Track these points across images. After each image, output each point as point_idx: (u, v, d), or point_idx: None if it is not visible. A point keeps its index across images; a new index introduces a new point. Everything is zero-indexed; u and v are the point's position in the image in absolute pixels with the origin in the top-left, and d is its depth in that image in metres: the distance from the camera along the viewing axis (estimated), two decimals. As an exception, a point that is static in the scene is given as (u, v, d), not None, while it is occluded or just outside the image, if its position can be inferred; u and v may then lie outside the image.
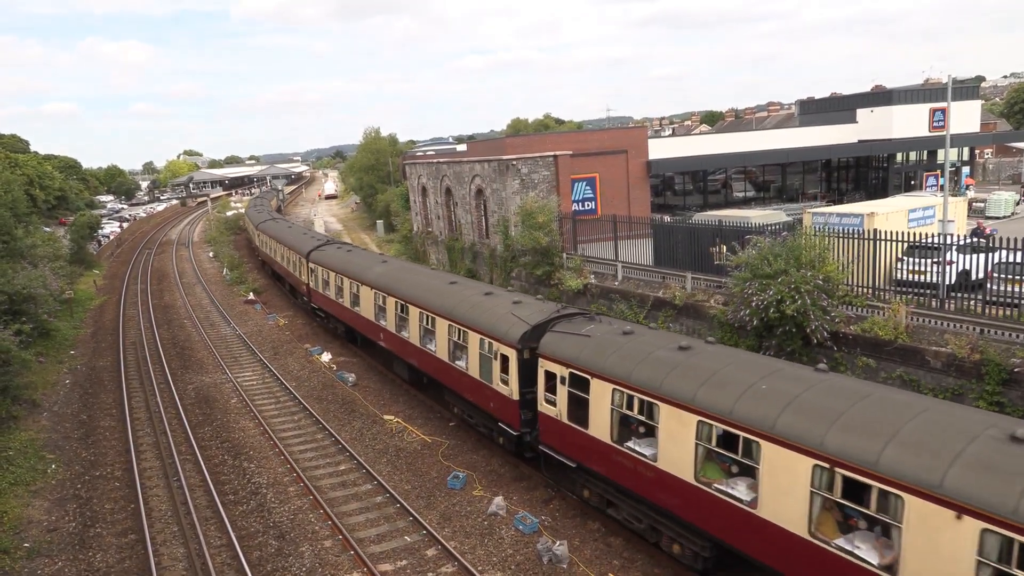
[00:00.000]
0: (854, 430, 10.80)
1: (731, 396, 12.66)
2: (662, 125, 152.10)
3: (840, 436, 10.83)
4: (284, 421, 24.62)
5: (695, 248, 25.44)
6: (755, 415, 12.04)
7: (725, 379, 13.17)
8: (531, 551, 15.80)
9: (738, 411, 12.37)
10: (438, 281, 24.70)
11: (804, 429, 11.32)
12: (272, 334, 36.89)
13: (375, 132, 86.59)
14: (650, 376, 14.22)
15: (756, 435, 11.86)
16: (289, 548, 16.53)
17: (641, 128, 50.81)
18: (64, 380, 30.63)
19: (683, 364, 14.04)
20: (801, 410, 11.65)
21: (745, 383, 12.79)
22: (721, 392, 12.89)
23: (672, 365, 14.16)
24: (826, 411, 11.39)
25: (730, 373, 13.29)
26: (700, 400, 13.01)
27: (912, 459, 9.89)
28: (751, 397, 12.43)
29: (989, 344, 16.06)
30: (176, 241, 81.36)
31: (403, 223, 58.41)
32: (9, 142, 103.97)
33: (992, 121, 78.98)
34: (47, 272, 35.94)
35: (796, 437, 11.30)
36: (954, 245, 19.08)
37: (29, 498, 19.82)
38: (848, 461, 10.50)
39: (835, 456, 10.71)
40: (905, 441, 10.22)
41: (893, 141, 45.78)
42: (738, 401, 12.51)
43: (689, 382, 13.49)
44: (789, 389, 12.22)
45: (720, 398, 12.78)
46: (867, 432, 10.66)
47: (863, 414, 11.05)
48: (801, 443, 11.20)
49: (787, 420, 11.60)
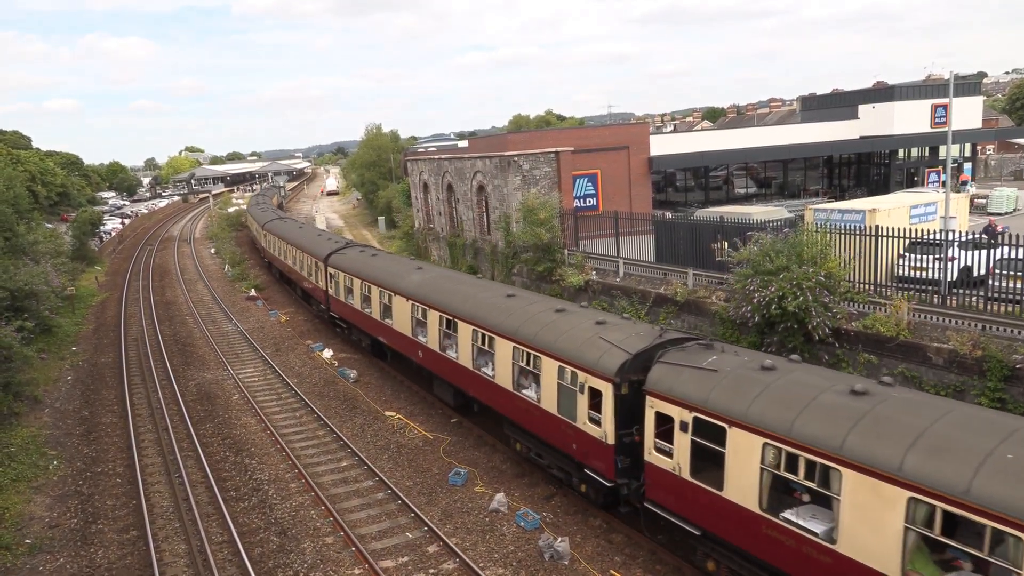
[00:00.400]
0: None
1: (964, 468, 9.55)
2: (664, 121, 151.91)
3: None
4: (286, 417, 24.64)
5: (697, 244, 25.39)
6: (1014, 498, 8.95)
7: (944, 441, 10.12)
8: (532, 548, 15.81)
9: (981, 490, 9.22)
10: (492, 293, 21.46)
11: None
12: (274, 330, 36.91)
13: (376, 128, 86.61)
14: (822, 430, 11.14)
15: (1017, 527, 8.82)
16: (291, 544, 16.55)
17: (643, 124, 50.79)
18: (66, 376, 30.67)
19: (868, 415, 11.01)
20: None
21: (977, 448, 9.74)
22: (946, 461, 9.78)
23: (852, 416, 11.11)
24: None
25: (948, 432, 10.27)
26: (913, 470, 9.92)
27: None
28: (997, 471, 9.33)
29: (991, 340, 16.02)
30: (178, 237, 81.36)
31: (405, 219, 58.42)
32: (11, 138, 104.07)
33: (994, 117, 78.86)
34: (49, 268, 35.99)
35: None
36: (956, 241, 19.03)
37: (31, 494, 19.86)
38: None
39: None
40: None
41: (895, 137, 45.69)
42: (978, 476, 9.37)
43: (888, 443, 10.42)
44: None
45: (946, 470, 9.67)
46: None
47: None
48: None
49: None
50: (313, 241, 38.50)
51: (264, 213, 61.89)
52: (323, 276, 33.59)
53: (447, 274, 26.58)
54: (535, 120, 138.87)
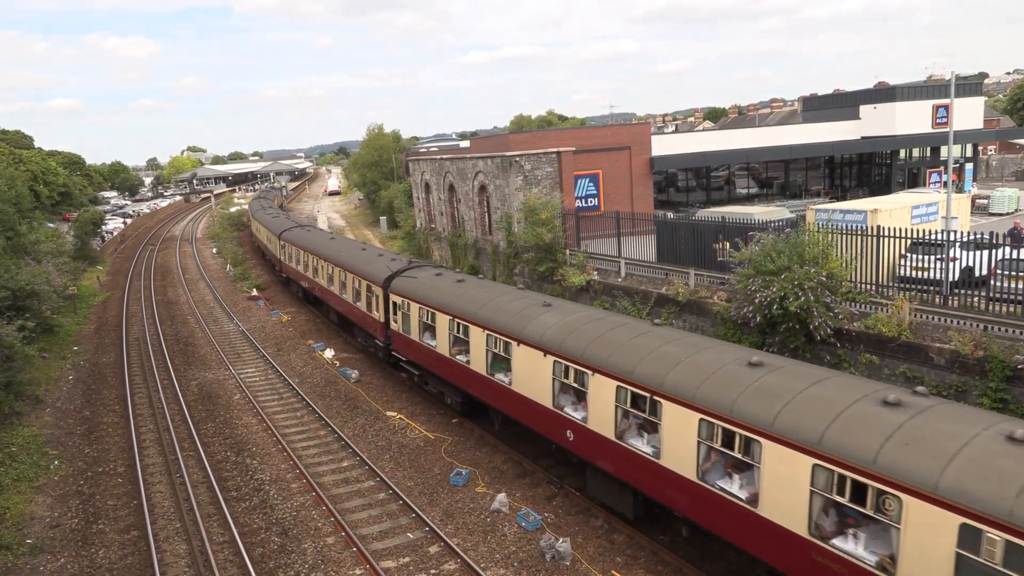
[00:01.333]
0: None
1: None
2: (665, 121, 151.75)
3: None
4: (287, 417, 24.64)
5: (698, 244, 25.38)
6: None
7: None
8: (534, 548, 15.80)
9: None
10: (673, 345, 15.07)
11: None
12: (275, 330, 36.92)
13: (378, 128, 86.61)
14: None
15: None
16: (292, 545, 16.55)
17: (644, 124, 50.75)
18: (67, 376, 30.69)
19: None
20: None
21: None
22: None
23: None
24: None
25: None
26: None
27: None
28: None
29: (993, 341, 16.00)
30: (179, 237, 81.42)
31: (406, 219, 58.45)
32: (13, 138, 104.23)
33: (995, 117, 78.76)
34: (51, 268, 35.98)
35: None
36: (957, 241, 19.01)
37: (32, 494, 19.87)
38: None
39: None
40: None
41: (896, 137, 45.63)
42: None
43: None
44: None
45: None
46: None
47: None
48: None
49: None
50: (360, 258, 31.24)
51: (276, 219, 54.95)
52: (379, 304, 26.85)
53: (602, 316, 18.01)
54: (537, 120, 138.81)
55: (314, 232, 45.16)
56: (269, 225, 52.54)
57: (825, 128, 47.84)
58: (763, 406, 12.13)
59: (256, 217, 62.85)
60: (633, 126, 48.07)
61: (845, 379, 12.72)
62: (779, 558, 11.86)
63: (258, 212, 64.55)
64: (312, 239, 40.33)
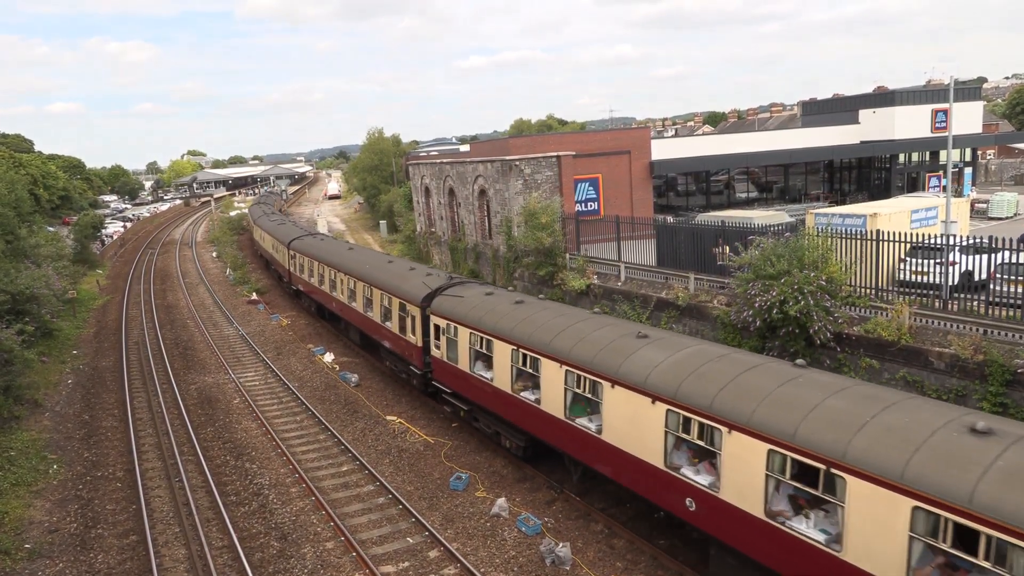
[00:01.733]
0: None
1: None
2: (665, 126, 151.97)
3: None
4: (287, 422, 24.61)
5: (698, 249, 25.39)
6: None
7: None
8: (534, 553, 15.77)
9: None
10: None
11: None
12: (275, 334, 36.90)
13: (378, 132, 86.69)
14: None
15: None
16: (291, 549, 16.51)
17: (644, 129, 50.81)
18: (67, 380, 30.66)
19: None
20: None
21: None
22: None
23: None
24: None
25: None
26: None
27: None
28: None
29: (992, 345, 16.00)
30: (179, 241, 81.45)
31: (406, 223, 58.45)
32: (13, 141, 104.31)
33: (994, 122, 78.85)
34: (50, 272, 35.98)
35: None
36: (957, 245, 19.03)
37: (31, 499, 19.83)
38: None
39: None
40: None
41: (895, 142, 45.69)
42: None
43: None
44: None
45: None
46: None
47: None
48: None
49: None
50: (390, 272, 27.85)
51: (282, 226, 51.21)
52: (416, 326, 23.65)
53: (725, 353, 14.70)
54: (536, 124, 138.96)
55: (329, 241, 41.49)
56: (276, 233, 48.64)
57: (825, 132, 47.94)
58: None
59: (259, 224, 58.46)
60: (633, 130, 48.13)
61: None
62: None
63: (261, 219, 60.63)
64: (328, 249, 36.57)
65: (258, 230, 58.83)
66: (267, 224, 54.74)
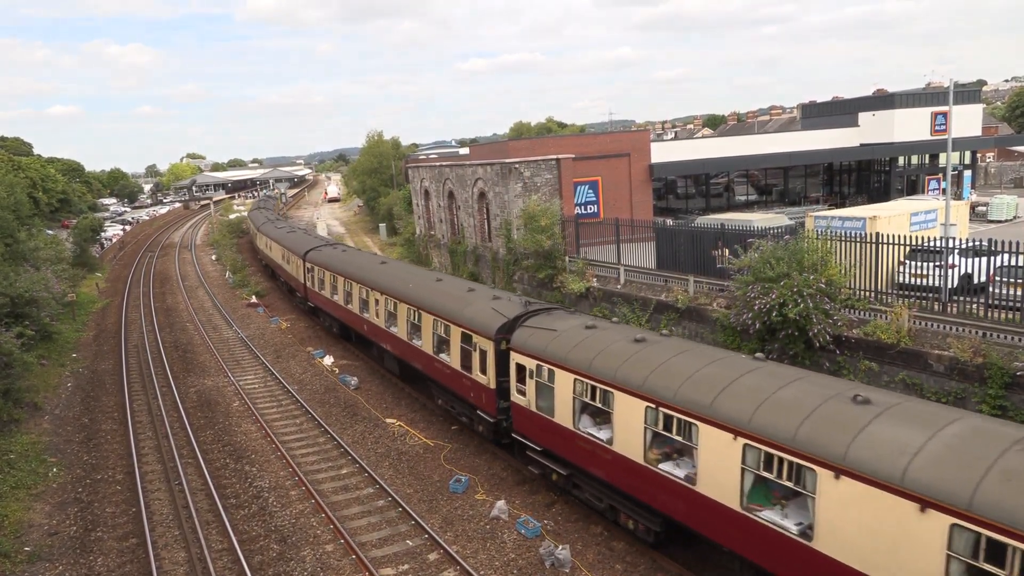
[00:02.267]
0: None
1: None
2: (664, 128, 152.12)
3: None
4: (286, 424, 24.60)
5: (697, 251, 25.41)
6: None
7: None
8: (533, 555, 15.76)
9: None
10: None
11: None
12: (274, 337, 36.89)
13: (378, 135, 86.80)
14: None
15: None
16: (291, 552, 16.50)
17: (643, 131, 50.88)
18: (66, 383, 30.64)
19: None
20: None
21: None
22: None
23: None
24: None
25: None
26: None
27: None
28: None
29: (992, 348, 16.01)
30: (179, 244, 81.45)
31: (406, 226, 58.46)
32: (13, 145, 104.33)
33: (994, 125, 79.00)
34: (50, 275, 35.96)
35: None
36: (956, 248, 19.04)
37: (30, 501, 19.81)
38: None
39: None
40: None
41: (895, 145, 45.75)
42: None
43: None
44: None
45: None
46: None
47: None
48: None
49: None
50: (443, 293, 23.50)
51: (292, 235, 46.44)
52: (488, 363, 19.50)
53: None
54: (536, 127, 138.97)
55: (353, 253, 36.86)
56: (286, 242, 44.03)
57: (824, 135, 47.99)
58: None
59: (264, 231, 53.60)
60: (632, 133, 48.20)
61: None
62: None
63: (266, 225, 55.51)
64: (357, 263, 31.96)
65: (263, 238, 54.08)
66: (274, 232, 50.02)
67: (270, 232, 51.36)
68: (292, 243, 43.09)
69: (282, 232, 48.98)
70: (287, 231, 49.50)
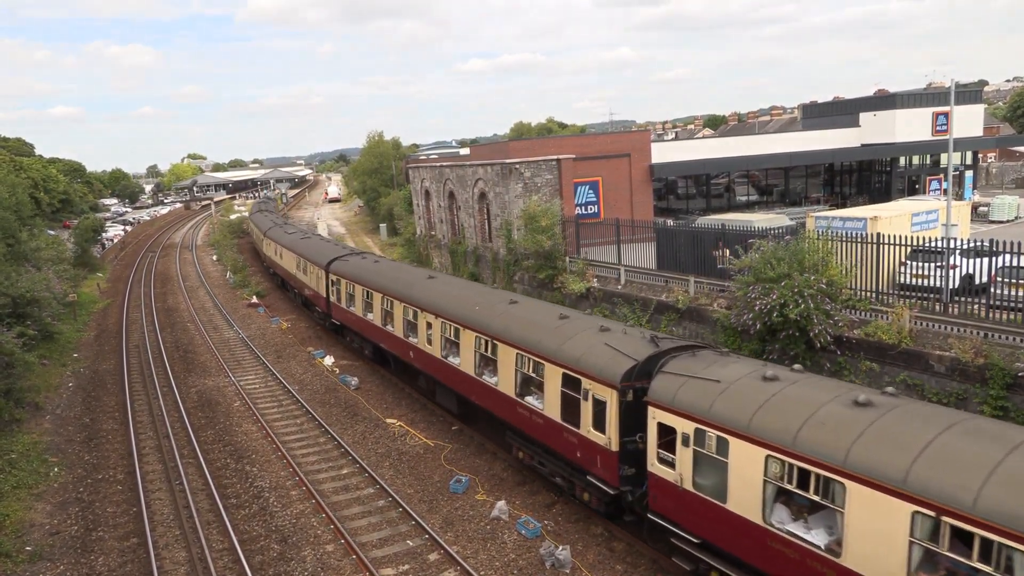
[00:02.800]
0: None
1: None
2: (665, 129, 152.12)
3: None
4: (287, 424, 24.61)
5: (698, 252, 25.41)
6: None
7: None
8: (534, 556, 15.76)
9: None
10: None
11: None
12: (275, 337, 36.90)
13: (378, 136, 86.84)
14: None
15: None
16: (291, 552, 16.51)
17: (644, 132, 50.86)
18: (67, 383, 30.66)
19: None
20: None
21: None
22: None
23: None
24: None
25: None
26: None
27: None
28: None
29: (993, 348, 16.00)
30: (180, 244, 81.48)
31: (406, 227, 58.49)
32: (14, 145, 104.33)
33: (995, 125, 78.93)
34: (51, 275, 35.99)
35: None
36: (957, 249, 19.04)
37: (31, 501, 19.83)
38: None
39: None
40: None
41: (896, 145, 45.71)
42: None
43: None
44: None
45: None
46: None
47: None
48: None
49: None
50: (525, 321, 19.06)
51: (307, 241, 41.75)
52: (609, 420, 15.15)
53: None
54: (536, 127, 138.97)
55: (388, 264, 32.38)
56: (303, 250, 39.21)
57: (825, 136, 47.94)
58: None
59: (272, 237, 48.70)
60: (633, 133, 48.18)
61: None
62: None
63: (273, 230, 50.93)
64: (397, 278, 27.37)
65: (270, 244, 49.09)
66: (285, 238, 44.71)
67: (279, 238, 46.37)
68: (311, 252, 37.85)
69: (295, 238, 44.27)
70: (300, 237, 44.27)
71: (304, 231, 52.27)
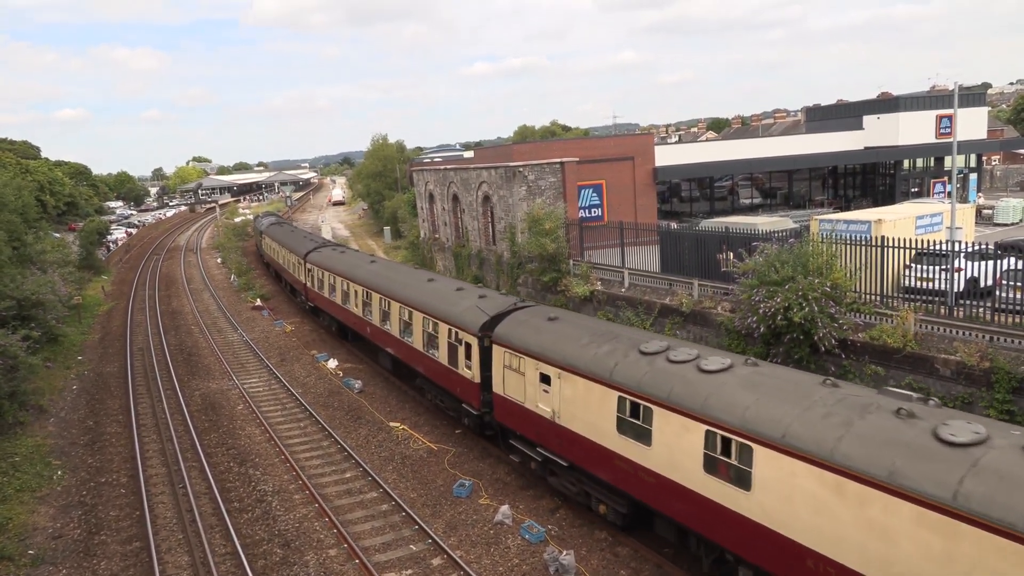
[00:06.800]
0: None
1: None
2: (668, 132, 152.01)
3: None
4: (290, 428, 24.60)
5: (702, 255, 25.35)
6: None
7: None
8: (538, 561, 15.71)
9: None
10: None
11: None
12: (279, 340, 36.92)
13: (383, 139, 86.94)
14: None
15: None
16: (294, 556, 16.48)
17: (648, 135, 50.80)
18: (71, 386, 30.71)
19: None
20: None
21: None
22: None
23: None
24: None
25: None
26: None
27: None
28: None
29: (999, 352, 15.92)
30: (184, 247, 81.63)
31: (410, 230, 58.49)
32: (20, 148, 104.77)
33: (999, 128, 78.68)
34: (56, 278, 36.09)
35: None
36: (962, 252, 18.95)
37: (35, 504, 19.84)
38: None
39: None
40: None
41: (900, 148, 45.64)
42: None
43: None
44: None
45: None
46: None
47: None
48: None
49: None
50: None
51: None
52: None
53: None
54: (540, 131, 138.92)
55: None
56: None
57: (829, 138, 47.89)
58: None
59: (316, 262, 37.21)
60: (637, 136, 48.14)
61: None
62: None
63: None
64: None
65: (307, 265, 38.87)
66: (334, 262, 34.80)
67: (326, 262, 35.83)
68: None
69: (335, 255, 36.53)
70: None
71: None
